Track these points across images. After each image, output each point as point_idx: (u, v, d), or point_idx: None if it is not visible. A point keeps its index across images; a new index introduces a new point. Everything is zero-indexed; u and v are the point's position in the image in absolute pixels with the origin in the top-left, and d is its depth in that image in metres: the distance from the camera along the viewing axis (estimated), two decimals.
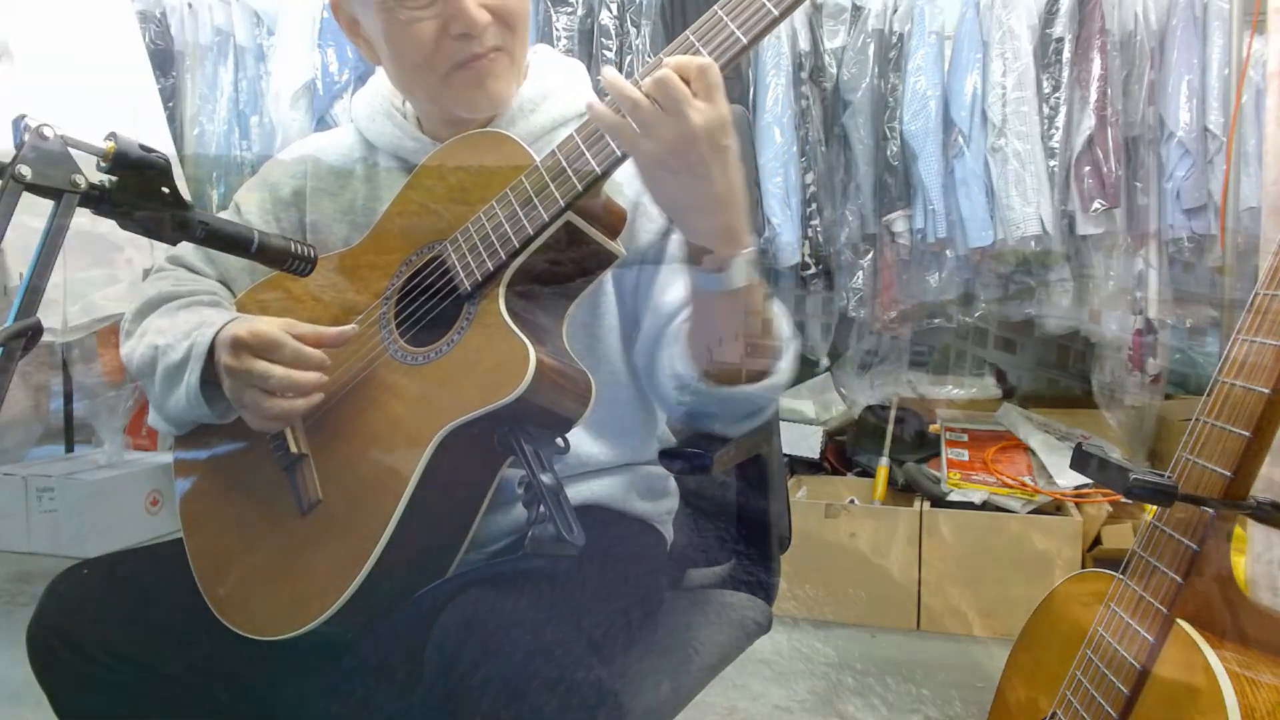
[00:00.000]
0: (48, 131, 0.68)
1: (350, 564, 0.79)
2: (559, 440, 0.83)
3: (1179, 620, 0.88)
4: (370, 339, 0.89)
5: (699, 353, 0.86)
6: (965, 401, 2.67)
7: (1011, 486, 2.29)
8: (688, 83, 0.74)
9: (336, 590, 0.79)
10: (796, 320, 2.69)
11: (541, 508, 0.76)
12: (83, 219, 0.69)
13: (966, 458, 2.39)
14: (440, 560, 0.84)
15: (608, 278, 0.93)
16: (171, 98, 2.75)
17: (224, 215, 0.90)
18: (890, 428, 2.52)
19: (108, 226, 0.72)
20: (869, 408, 2.64)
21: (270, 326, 0.87)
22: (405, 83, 0.97)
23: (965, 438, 2.47)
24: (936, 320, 2.50)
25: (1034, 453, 2.41)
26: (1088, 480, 2.19)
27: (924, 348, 2.79)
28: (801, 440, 2.58)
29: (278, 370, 0.85)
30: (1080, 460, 0.94)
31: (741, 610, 1.08)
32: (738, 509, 1.14)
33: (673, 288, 0.91)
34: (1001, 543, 2.19)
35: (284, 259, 0.83)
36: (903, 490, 2.44)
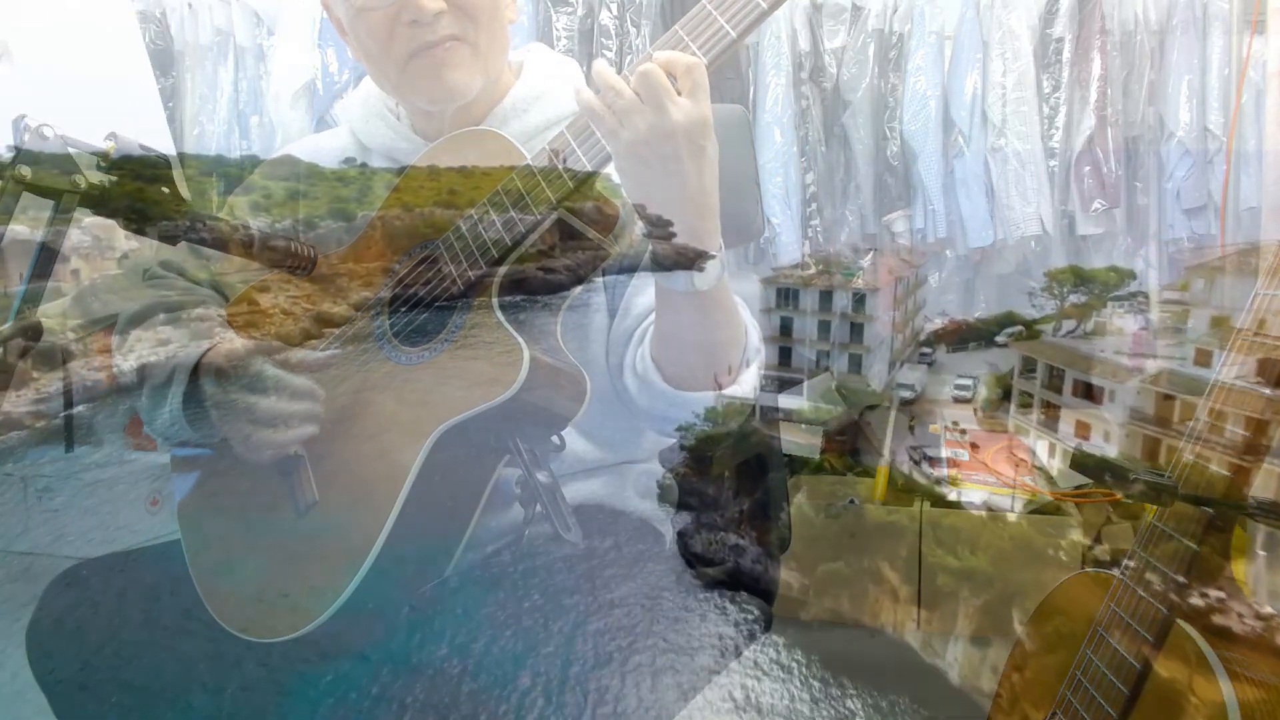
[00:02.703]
0: (48, 131, 0.68)
1: (348, 564, 0.79)
2: (555, 439, 0.83)
3: (1179, 620, 0.88)
4: (365, 340, 0.89)
5: (661, 353, 0.86)
6: (965, 402, 2.66)
7: (1012, 487, 2.29)
8: (674, 79, 0.73)
9: (334, 591, 0.79)
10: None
11: (538, 506, 0.76)
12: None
13: (966, 458, 2.39)
14: (438, 560, 0.84)
15: (599, 278, 0.93)
16: (171, 98, 2.75)
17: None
18: (890, 427, 2.52)
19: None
20: (869, 408, 2.63)
21: (251, 355, 0.86)
22: (374, 75, 0.98)
23: (965, 438, 2.47)
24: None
25: (1034, 453, 2.40)
26: (1088, 480, 2.19)
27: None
28: (801, 440, 2.58)
29: (263, 402, 0.84)
30: (1080, 460, 0.94)
31: (741, 610, 1.07)
32: (737, 509, 1.14)
33: (648, 290, 0.91)
34: (1001, 543, 2.19)
35: (284, 258, 0.83)
36: (903, 490, 2.43)
